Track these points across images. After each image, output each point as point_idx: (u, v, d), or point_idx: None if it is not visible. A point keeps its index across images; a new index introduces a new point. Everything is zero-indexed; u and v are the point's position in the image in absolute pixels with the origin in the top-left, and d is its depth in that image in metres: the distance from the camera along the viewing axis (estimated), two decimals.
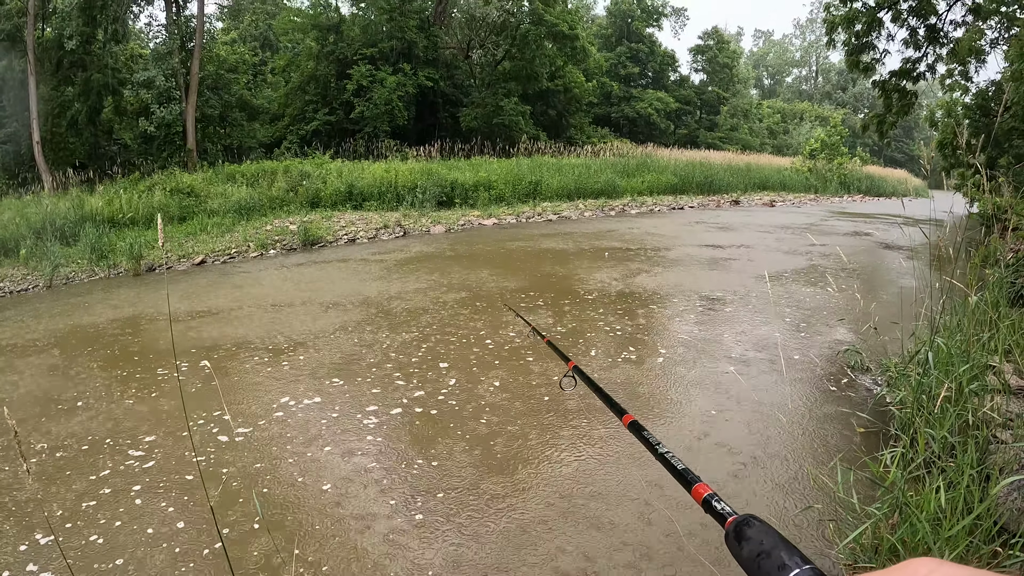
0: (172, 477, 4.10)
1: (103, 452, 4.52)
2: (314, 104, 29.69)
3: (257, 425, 4.83)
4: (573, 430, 4.64)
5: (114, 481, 4.08)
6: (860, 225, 18.05)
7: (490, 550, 3.29)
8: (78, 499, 3.87)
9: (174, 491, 3.93)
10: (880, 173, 40.24)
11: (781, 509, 3.57)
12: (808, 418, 4.80)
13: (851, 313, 7.55)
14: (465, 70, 33.58)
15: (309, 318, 8.05)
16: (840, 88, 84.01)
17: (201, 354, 6.74)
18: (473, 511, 3.63)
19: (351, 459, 4.28)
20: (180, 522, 3.60)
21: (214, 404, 5.19)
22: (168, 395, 5.55)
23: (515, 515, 3.59)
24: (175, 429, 4.82)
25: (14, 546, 3.41)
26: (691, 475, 0.96)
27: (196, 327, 7.89)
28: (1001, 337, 4.36)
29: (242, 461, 4.28)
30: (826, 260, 11.68)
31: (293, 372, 6.02)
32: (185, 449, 4.45)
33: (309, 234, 15.08)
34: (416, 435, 4.63)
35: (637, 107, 42.41)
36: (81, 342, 7.56)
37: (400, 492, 3.85)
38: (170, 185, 18.28)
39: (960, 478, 2.85)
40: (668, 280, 9.93)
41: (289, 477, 4.05)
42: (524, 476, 4.01)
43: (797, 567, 0.60)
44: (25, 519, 3.68)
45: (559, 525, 3.48)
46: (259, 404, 5.25)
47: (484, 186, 21.48)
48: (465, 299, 8.74)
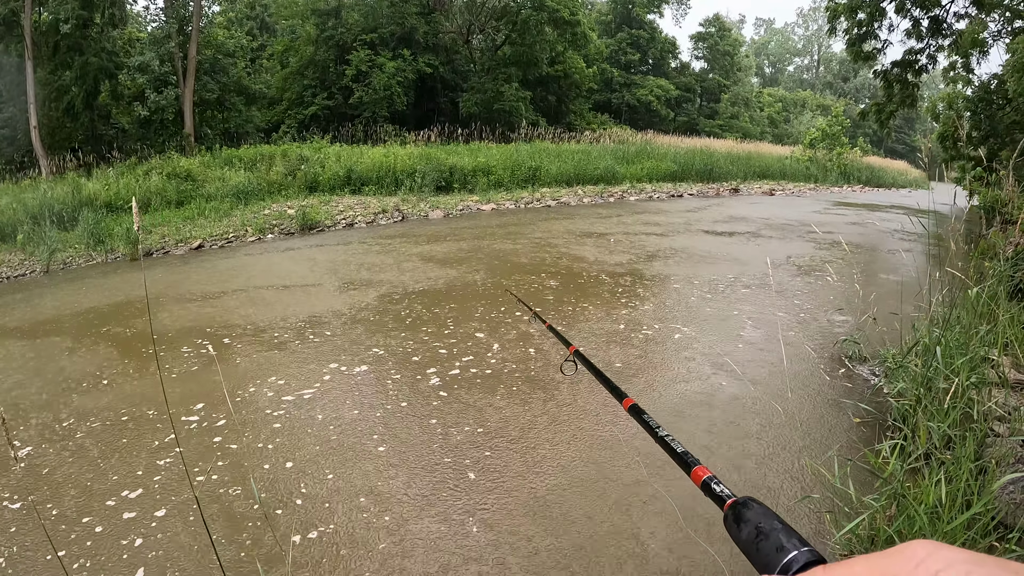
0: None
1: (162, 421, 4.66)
2: (312, 88, 29.60)
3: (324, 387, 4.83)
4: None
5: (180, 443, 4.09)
6: (859, 215, 18.02)
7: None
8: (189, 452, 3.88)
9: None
10: (880, 164, 40.18)
11: (777, 498, 3.57)
12: (805, 407, 4.80)
13: (850, 303, 7.55)
14: (465, 55, 33.47)
15: (321, 299, 8.05)
16: (842, 78, 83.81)
17: (220, 333, 6.74)
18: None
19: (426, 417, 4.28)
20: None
21: (260, 375, 5.18)
22: (200, 372, 5.54)
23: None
24: (237, 395, 4.83)
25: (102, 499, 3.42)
26: (691, 458, 0.96)
27: (197, 309, 7.88)
28: (1000, 330, 4.36)
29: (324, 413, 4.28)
30: (825, 249, 11.67)
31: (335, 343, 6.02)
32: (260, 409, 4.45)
33: (307, 218, 15.06)
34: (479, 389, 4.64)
35: (637, 94, 42.32)
36: (93, 323, 7.55)
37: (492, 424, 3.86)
38: (167, 169, 18.29)
39: (958, 471, 2.85)
40: (664, 267, 9.91)
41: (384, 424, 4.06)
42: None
43: (795, 549, 0.59)
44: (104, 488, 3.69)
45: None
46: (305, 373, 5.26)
47: (483, 171, 21.47)
48: (467, 282, 8.73)
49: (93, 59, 22.15)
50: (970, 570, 0.40)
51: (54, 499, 3.73)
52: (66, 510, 3.61)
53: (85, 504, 3.66)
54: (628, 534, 3.29)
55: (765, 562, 0.61)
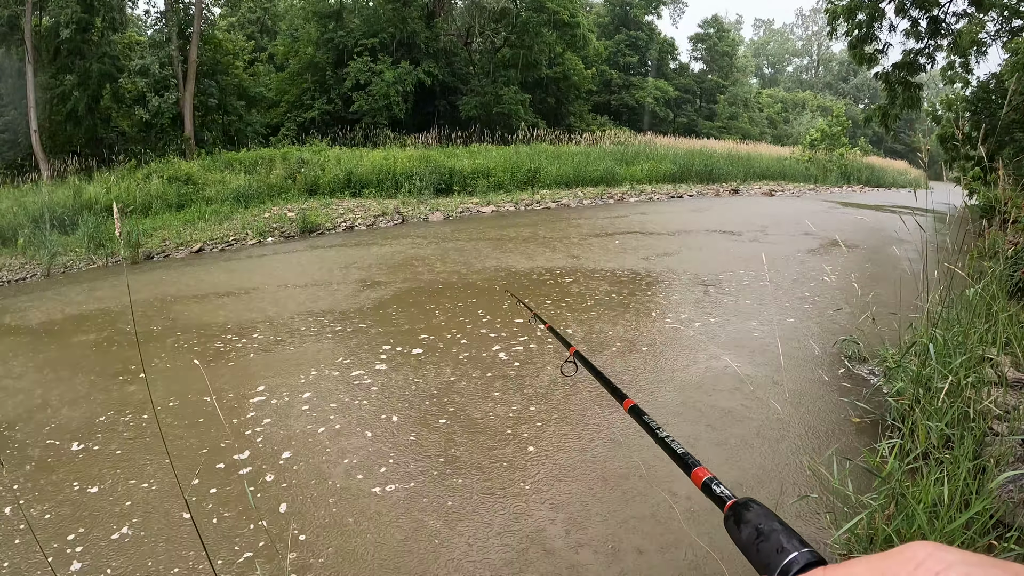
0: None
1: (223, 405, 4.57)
2: (312, 92, 29.57)
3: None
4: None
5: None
6: (859, 214, 18.01)
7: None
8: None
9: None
10: (880, 164, 40.09)
11: (776, 498, 3.58)
12: (804, 407, 4.81)
13: (849, 302, 7.55)
14: (464, 58, 33.44)
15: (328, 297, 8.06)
16: (841, 79, 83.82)
17: (238, 330, 6.75)
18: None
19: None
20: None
21: (289, 368, 5.20)
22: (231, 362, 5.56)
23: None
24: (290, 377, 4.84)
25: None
26: (691, 459, 0.96)
27: (198, 310, 7.89)
28: (1000, 329, 4.37)
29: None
30: (824, 249, 11.67)
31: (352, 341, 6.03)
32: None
33: (308, 221, 15.06)
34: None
35: (636, 95, 42.30)
36: (92, 325, 7.56)
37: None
38: (168, 173, 18.28)
39: (957, 470, 2.86)
40: (664, 266, 9.92)
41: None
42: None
43: (795, 550, 0.60)
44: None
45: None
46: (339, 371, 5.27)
47: (482, 174, 21.46)
48: (468, 282, 8.75)
49: (95, 64, 22.13)
50: (969, 572, 0.40)
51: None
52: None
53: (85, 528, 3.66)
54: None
55: (765, 563, 0.62)
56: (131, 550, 3.31)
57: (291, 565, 3.17)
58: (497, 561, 3.15)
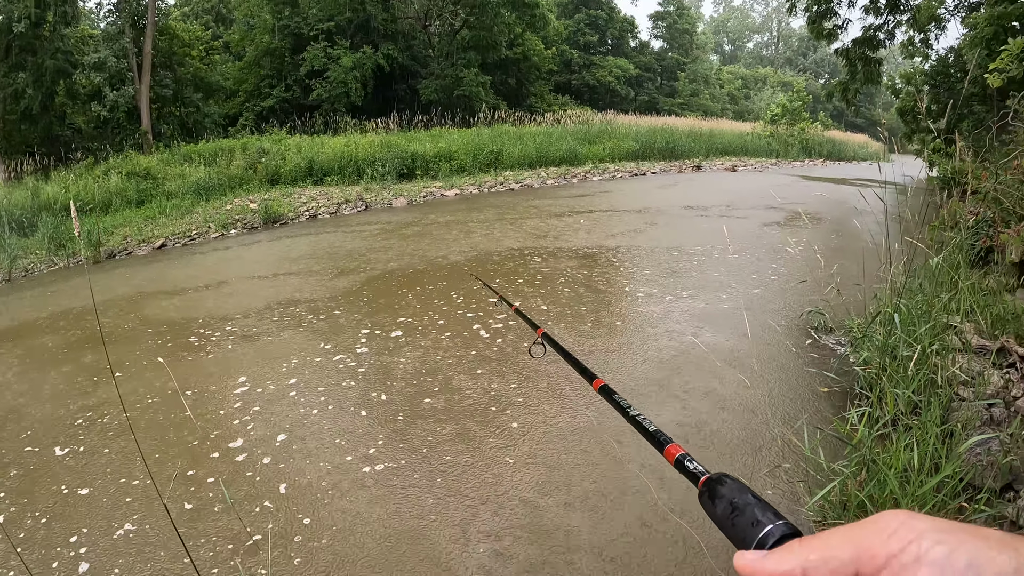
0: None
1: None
2: (270, 79, 29.24)
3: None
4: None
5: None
6: (822, 188, 18.20)
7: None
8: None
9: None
10: (841, 137, 40.48)
11: (749, 469, 3.61)
12: (773, 378, 4.86)
13: (814, 275, 7.63)
14: (423, 41, 33.17)
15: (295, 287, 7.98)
16: (801, 54, 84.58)
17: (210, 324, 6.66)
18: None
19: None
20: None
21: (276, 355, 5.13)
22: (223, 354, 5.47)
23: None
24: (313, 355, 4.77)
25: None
26: (663, 436, 0.95)
27: (165, 306, 7.78)
28: (963, 298, 4.44)
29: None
30: (788, 223, 11.79)
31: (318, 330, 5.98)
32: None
33: (270, 211, 14.89)
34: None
35: (597, 74, 42.34)
36: (58, 327, 7.42)
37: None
38: (126, 169, 17.93)
39: (925, 436, 2.90)
40: (632, 243, 9.96)
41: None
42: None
43: (770, 523, 0.59)
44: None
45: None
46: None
47: (445, 157, 21.38)
48: (438, 266, 8.71)
49: (49, 61, 21.54)
50: (940, 538, 0.42)
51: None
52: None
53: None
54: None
55: (741, 536, 0.61)
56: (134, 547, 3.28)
57: (296, 547, 3.20)
58: (486, 530, 3.16)
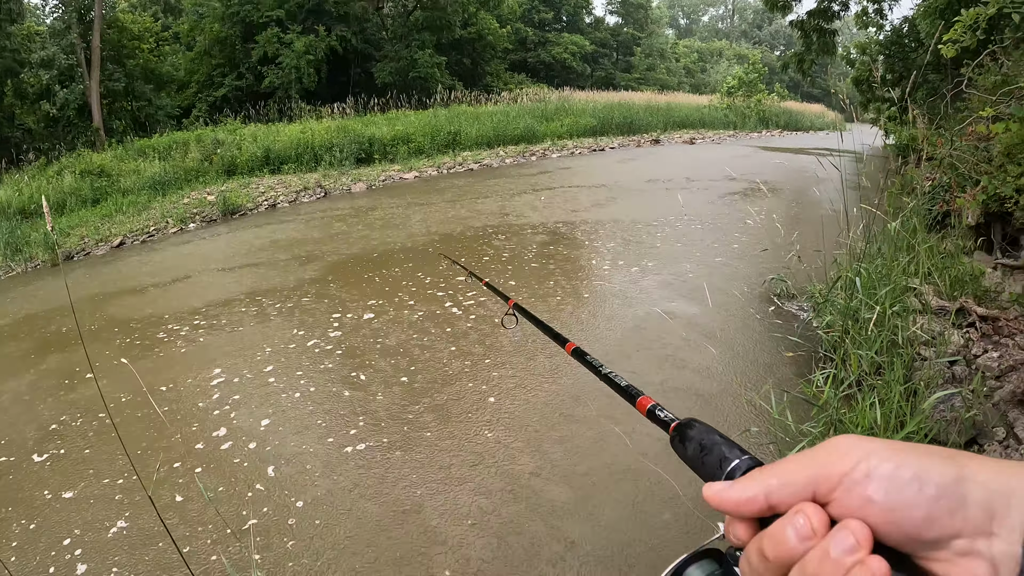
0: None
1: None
2: (222, 69, 28.74)
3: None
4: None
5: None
6: (780, 158, 18.40)
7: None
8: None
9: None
10: (798, 108, 40.92)
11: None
12: (739, 344, 4.94)
13: (775, 243, 7.72)
14: (376, 23, 32.80)
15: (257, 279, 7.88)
16: (756, 27, 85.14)
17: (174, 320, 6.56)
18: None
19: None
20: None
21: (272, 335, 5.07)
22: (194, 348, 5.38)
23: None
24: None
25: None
26: (634, 389, 0.98)
27: (129, 305, 7.66)
28: (921, 260, 4.53)
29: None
30: (748, 193, 11.90)
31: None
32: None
33: (228, 203, 14.67)
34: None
35: (553, 51, 42.24)
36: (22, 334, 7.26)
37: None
38: (79, 167, 17.53)
39: (889, 394, 2.96)
40: (595, 217, 10.02)
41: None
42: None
43: (737, 458, 0.63)
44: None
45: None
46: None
47: (403, 140, 21.24)
48: (406, 247, 8.68)
49: None
50: (888, 456, 0.47)
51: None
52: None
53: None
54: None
55: (711, 473, 0.65)
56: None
57: (290, 529, 3.25)
58: (470, 504, 3.18)
